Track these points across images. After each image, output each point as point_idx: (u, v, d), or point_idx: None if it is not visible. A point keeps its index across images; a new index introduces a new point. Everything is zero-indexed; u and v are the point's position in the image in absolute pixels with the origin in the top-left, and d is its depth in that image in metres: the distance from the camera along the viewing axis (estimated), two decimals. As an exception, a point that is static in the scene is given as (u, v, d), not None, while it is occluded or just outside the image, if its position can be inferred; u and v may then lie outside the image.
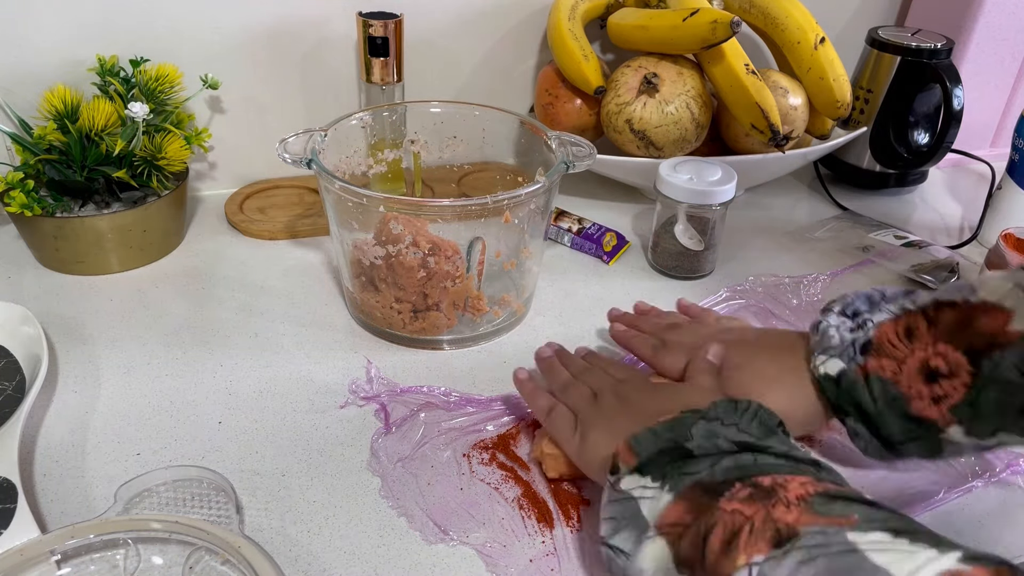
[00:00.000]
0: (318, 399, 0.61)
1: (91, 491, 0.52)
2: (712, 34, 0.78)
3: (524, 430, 0.59)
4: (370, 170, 0.74)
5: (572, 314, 0.72)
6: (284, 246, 0.80)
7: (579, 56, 0.84)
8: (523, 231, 0.66)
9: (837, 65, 0.85)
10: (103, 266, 0.73)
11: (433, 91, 0.89)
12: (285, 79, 0.86)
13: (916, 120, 0.96)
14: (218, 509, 0.49)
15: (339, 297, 0.73)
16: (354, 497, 0.52)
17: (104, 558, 0.46)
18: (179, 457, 0.55)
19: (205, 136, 0.77)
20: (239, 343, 0.66)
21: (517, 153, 0.74)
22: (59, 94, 0.70)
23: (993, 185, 0.91)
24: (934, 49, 0.91)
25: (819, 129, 0.90)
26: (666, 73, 0.82)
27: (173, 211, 0.76)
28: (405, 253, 0.62)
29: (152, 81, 0.74)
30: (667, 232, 0.77)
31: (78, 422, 0.57)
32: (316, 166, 0.61)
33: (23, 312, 0.62)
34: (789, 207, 0.95)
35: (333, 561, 0.48)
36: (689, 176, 0.74)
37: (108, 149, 0.70)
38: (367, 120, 0.73)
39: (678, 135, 0.83)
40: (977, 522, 0.54)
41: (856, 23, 1.06)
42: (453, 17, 0.89)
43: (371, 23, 0.76)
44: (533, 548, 0.50)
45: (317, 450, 0.56)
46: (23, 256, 0.75)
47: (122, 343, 0.65)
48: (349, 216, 0.64)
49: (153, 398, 0.60)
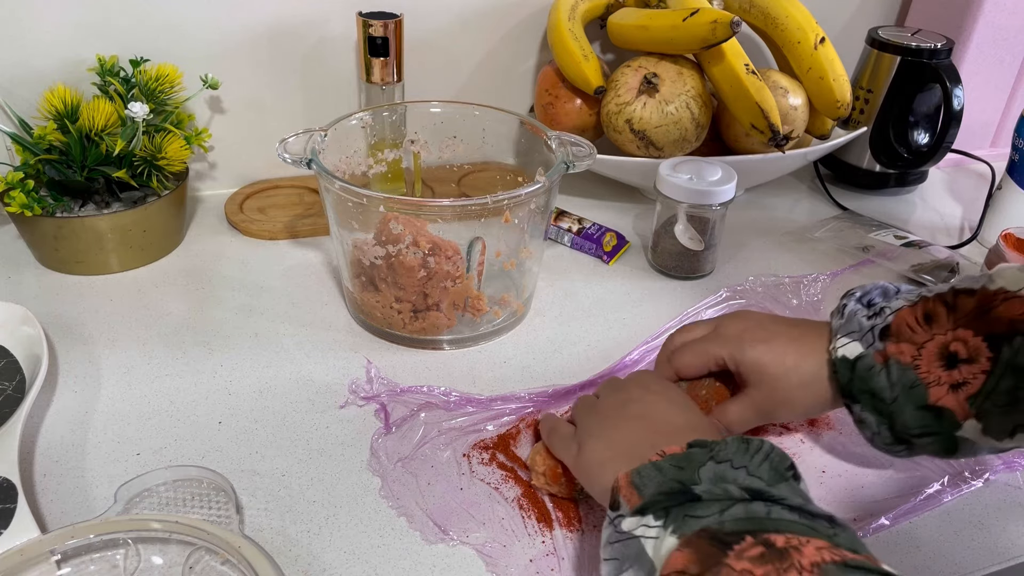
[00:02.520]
0: (318, 399, 0.61)
1: (91, 491, 0.52)
2: (712, 34, 0.78)
3: (524, 430, 0.59)
4: (370, 170, 0.74)
5: (572, 314, 0.72)
6: (284, 246, 0.80)
7: (579, 56, 0.84)
8: (523, 231, 0.66)
9: (837, 65, 0.85)
10: (103, 266, 0.73)
11: (433, 91, 0.89)
12: (285, 79, 0.86)
13: (916, 120, 0.96)
14: (218, 509, 0.49)
15: (339, 297, 0.73)
16: (354, 497, 0.52)
17: (104, 558, 0.46)
18: (179, 457, 0.55)
19: (205, 136, 0.77)
20: (239, 343, 0.66)
21: (517, 153, 0.74)
22: (59, 94, 0.70)
23: (993, 185, 0.92)
24: (934, 49, 0.91)
25: (819, 129, 0.90)
26: (666, 73, 0.82)
27: (173, 211, 0.76)
28: (405, 253, 0.62)
29: (152, 81, 0.74)
30: (667, 232, 0.77)
31: (78, 422, 0.57)
32: (316, 166, 0.61)
33: (23, 312, 0.61)
34: (789, 207, 0.95)
35: (333, 561, 0.48)
36: (689, 176, 0.74)
37: (108, 149, 0.70)
38: (367, 120, 0.73)
39: (678, 135, 0.83)
40: (977, 522, 0.54)
41: (856, 23, 1.06)
42: (453, 17, 0.89)
43: (371, 23, 0.76)
44: (533, 548, 0.50)
45: (317, 450, 0.56)
46: (23, 256, 0.75)
47: (122, 343, 0.65)
48: (349, 216, 0.64)
49: (153, 398, 0.60)
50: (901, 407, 0.49)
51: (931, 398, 0.48)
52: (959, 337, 0.47)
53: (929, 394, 0.48)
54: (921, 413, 0.49)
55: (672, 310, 0.73)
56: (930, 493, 0.55)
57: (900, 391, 0.49)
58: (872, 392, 0.50)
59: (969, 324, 0.47)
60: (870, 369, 0.50)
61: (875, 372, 0.50)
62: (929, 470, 0.57)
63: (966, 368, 0.47)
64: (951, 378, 0.47)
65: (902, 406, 0.49)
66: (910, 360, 0.49)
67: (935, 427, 0.49)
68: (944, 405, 0.48)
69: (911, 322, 0.49)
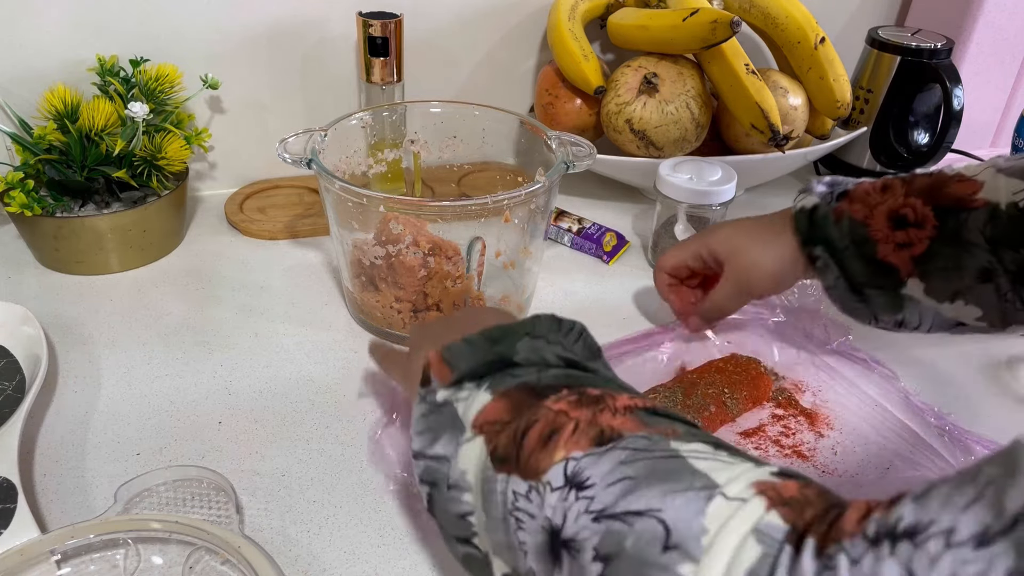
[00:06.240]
0: (318, 399, 0.61)
1: (91, 491, 0.52)
2: (712, 34, 0.78)
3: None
4: (370, 170, 0.74)
5: (572, 314, 0.71)
6: (284, 246, 0.80)
7: (579, 56, 0.84)
8: (523, 231, 0.66)
9: (837, 65, 0.85)
10: (103, 266, 0.73)
11: (433, 91, 0.89)
12: (285, 79, 0.86)
13: (916, 120, 0.96)
14: (218, 509, 0.49)
15: (339, 297, 0.73)
16: (354, 497, 0.52)
17: (104, 558, 0.46)
18: (179, 457, 0.55)
19: (205, 136, 0.77)
20: (239, 343, 0.66)
21: (517, 153, 0.74)
22: (59, 94, 0.70)
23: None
24: (934, 49, 0.91)
25: (819, 129, 0.90)
26: (666, 73, 0.82)
27: (173, 211, 0.76)
28: (405, 253, 0.62)
29: (152, 81, 0.74)
30: (667, 232, 0.77)
31: (78, 422, 0.57)
32: (316, 166, 0.61)
33: (23, 312, 0.61)
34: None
35: (333, 561, 0.48)
36: (689, 176, 0.74)
37: (108, 149, 0.70)
38: (367, 120, 0.73)
39: (678, 135, 0.83)
40: (977, 522, 0.54)
41: (856, 23, 1.06)
42: (453, 17, 0.89)
43: (371, 23, 0.76)
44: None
45: (317, 450, 0.56)
46: (23, 256, 0.75)
47: (122, 343, 0.65)
48: (349, 216, 0.64)
49: (153, 398, 0.60)
50: (851, 256, 0.54)
51: (879, 253, 0.53)
52: (909, 204, 0.53)
53: (878, 249, 0.53)
54: (868, 264, 0.54)
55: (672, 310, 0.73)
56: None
57: (851, 242, 0.54)
58: (827, 240, 0.55)
59: (920, 195, 0.53)
60: (825, 218, 0.55)
61: (830, 222, 0.55)
62: (929, 470, 0.57)
63: (913, 232, 0.52)
64: (898, 238, 0.53)
65: (852, 254, 0.54)
66: (862, 218, 0.54)
67: (881, 280, 0.54)
68: (890, 261, 0.53)
69: (868, 188, 0.55)
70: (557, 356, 0.41)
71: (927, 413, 0.62)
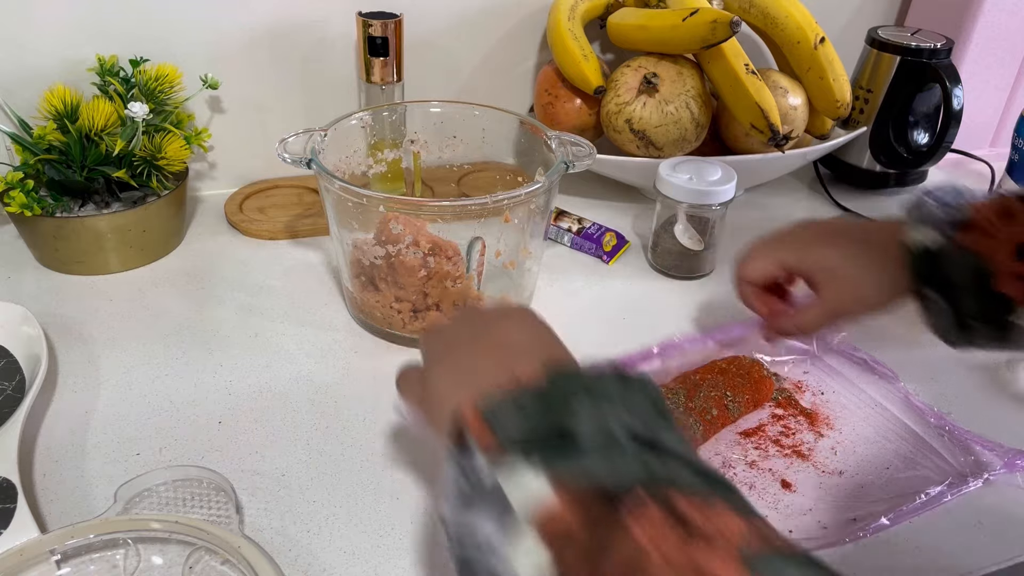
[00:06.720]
0: (318, 399, 0.61)
1: (91, 491, 0.52)
2: (712, 34, 0.78)
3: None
4: (370, 170, 0.74)
5: (572, 314, 0.72)
6: (284, 246, 0.80)
7: (579, 56, 0.84)
8: (523, 231, 0.66)
9: (837, 65, 0.85)
10: (103, 266, 0.73)
11: (433, 91, 0.88)
12: (285, 79, 0.86)
13: (916, 120, 0.96)
14: (218, 509, 0.49)
15: (339, 297, 0.73)
16: (354, 497, 0.52)
17: (104, 558, 0.46)
18: (179, 457, 0.55)
19: (205, 136, 0.77)
20: (239, 343, 0.66)
21: (517, 153, 0.74)
22: (59, 94, 0.70)
23: (993, 185, 0.92)
24: (934, 49, 0.91)
25: (819, 129, 0.90)
26: (666, 73, 0.82)
27: (173, 211, 0.76)
28: (405, 253, 0.62)
29: (152, 81, 0.74)
30: (667, 232, 0.77)
31: (78, 422, 0.57)
32: (316, 166, 0.61)
33: (23, 312, 0.61)
34: (789, 207, 0.95)
35: (333, 561, 0.48)
36: (689, 176, 0.74)
37: (108, 149, 0.70)
38: (367, 120, 0.73)
39: (678, 135, 0.83)
40: (977, 522, 0.54)
41: (856, 23, 1.06)
42: (453, 17, 0.89)
43: (371, 23, 0.76)
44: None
45: (317, 450, 0.56)
46: (23, 256, 0.75)
47: (122, 343, 0.65)
48: (349, 216, 0.64)
49: (153, 398, 0.60)
50: (967, 294, 0.51)
51: (996, 285, 0.50)
52: None
53: (994, 281, 0.50)
54: (984, 299, 0.50)
55: (672, 310, 0.73)
56: (930, 493, 0.55)
57: (969, 278, 0.50)
58: (943, 277, 0.51)
59: None
60: (947, 258, 0.51)
61: (950, 261, 0.51)
62: (929, 470, 0.57)
63: None
64: (1018, 269, 0.49)
65: (968, 294, 0.51)
66: (984, 250, 0.50)
67: (992, 313, 0.50)
68: (1006, 292, 0.49)
69: (988, 215, 0.51)
70: (624, 427, 0.33)
71: (927, 413, 0.62)
